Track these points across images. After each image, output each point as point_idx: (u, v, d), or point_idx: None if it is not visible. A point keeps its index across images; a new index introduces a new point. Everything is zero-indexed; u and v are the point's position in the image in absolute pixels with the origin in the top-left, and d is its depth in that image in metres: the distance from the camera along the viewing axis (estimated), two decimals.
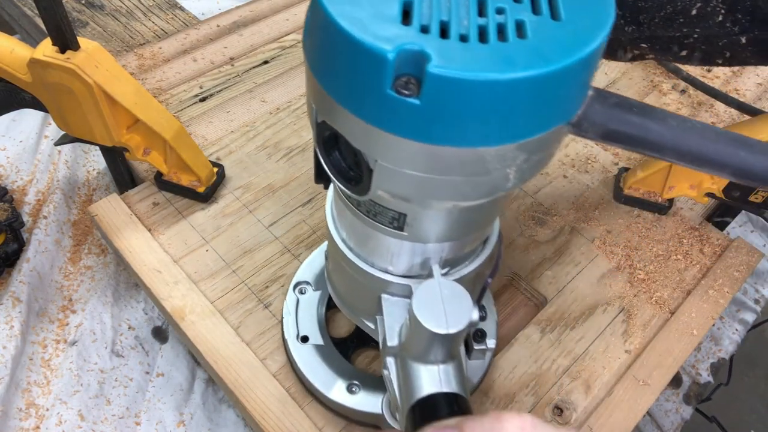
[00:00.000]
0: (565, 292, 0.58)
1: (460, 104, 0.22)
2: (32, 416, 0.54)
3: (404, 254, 0.35)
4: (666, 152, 0.27)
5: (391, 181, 0.27)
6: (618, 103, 0.26)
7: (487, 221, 0.35)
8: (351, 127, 0.25)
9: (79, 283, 0.63)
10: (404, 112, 0.23)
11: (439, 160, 0.25)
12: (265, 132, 0.69)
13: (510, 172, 0.26)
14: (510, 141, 0.24)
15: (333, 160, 0.29)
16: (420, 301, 0.31)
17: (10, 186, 0.70)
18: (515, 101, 0.22)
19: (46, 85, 0.51)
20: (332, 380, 0.49)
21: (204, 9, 0.90)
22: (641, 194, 0.64)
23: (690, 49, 0.42)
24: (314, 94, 0.27)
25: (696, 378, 0.67)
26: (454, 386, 0.32)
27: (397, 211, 0.31)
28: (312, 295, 0.53)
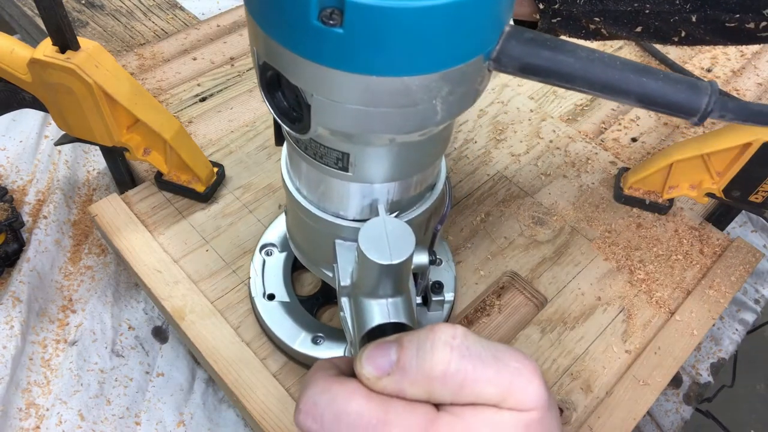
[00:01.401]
0: (565, 292, 0.58)
1: (381, 32, 0.24)
2: (32, 416, 0.54)
3: (353, 196, 0.37)
4: (577, 82, 0.28)
5: (327, 115, 0.28)
6: (533, 39, 0.28)
7: (429, 161, 0.37)
8: (287, 62, 0.27)
9: (79, 283, 0.63)
10: (330, 42, 0.24)
11: (368, 91, 0.26)
12: (265, 132, 0.69)
13: (437, 104, 0.28)
14: (432, 70, 0.26)
15: (276, 102, 0.31)
16: (366, 236, 0.32)
17: (10, 186, 0.70)
18: (433, 29, 0.24)
19: (46, 85, 0.51)
20: (297, 333, 0.51)
21: (204, 9, 0.90)
22: (641, 194, 0.64)
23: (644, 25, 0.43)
24: (254, 36, 0.29)
25: (696, 378, 0.67)
26: (402, 317, 0.34)
27: (339, 151, 0.33)
28: (278, 256, 0.56)
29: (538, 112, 0.75)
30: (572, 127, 0.74)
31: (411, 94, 0.26)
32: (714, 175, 0.60)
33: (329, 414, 0.27)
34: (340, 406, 0.26)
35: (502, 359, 0.26)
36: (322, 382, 0.28)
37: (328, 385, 0.28)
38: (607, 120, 0.76)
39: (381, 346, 0.27)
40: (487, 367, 0.26)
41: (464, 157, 0.69)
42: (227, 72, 0.76)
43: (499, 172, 0.68)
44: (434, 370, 0.25)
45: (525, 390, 0.26)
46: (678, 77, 0.29)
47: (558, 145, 0.72)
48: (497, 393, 0.26)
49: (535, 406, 0.26)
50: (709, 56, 0.89)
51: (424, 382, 0.26)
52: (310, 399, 0.27)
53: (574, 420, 0.51)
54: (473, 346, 0.26)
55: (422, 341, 0.26)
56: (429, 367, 0.25)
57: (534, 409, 0.26)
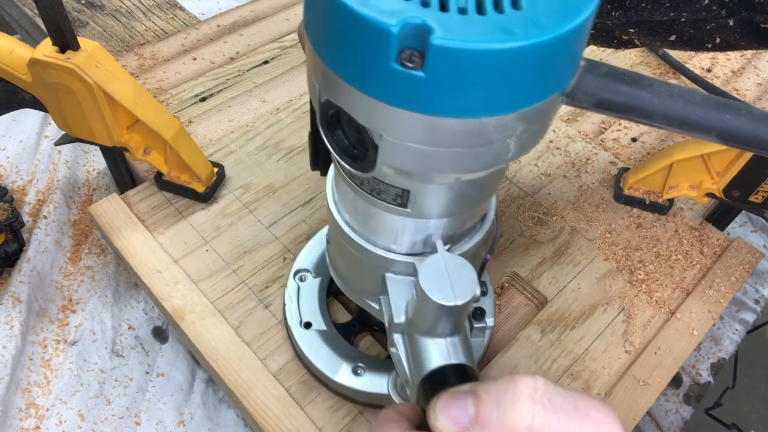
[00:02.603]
0: (565, 292, 0.58)
1: (462, 75, 0.23)
2: (32, 416, 0.54)
3: (408, 231, 0.36)
4: (655, 118, 0.28)
5: (395, 155, 0.27)
6: (609, 73, 0.27)
7: (487, 195, 0.36)
8: (356, 103, 0.26)
9: (79, 283, 0.63)
10: (409, 85, 0.23)
11: (443, 132, 0.25)
12: (265, 132, 0.69)
13: (510, 142, 0.27)
14: (510, 110, 0.25)
15: (336, 140, 0.30)
16: (426, 275, 0.31)
17: (10, 186, 0.70)
18: (515, 70, 0.23)
19: (46, 85, 0.51)
20: (337, 364, 0.49)
21: (204, 9, 0.90)
22: (641, 194, 0.64)
23: (678, 33, 0.42)
24: (317, 73, 0.27)
25: (696, 378, 0.67)
26: (462, 358, 0.33)
27: (400, 188, 0.32)
28: (312, 282, 0.54)
29: None
30: (572, 127, 0.74)
31: (486, 134, 0.26)
32: (714, 175, 0.60)
33: None
34: None
35: (583, 409, 0.25)
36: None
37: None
38: (607, 120, 0.76)
39: (455, 397, 0.26)
40: (570, 419, 0.25)
41: None
42: (227, 72, 0.76)
43: None
44: (517, 425, 0.24)
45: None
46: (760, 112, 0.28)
47: (558, 145, 0.72)
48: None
49: None
50: (709, 56, 0.89)
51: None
52: None
53: None
54: (555, 398, 0.25)
55: (502, 393, 0.25)
56: (511, 422, 0.24)
57: None
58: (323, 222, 0.61)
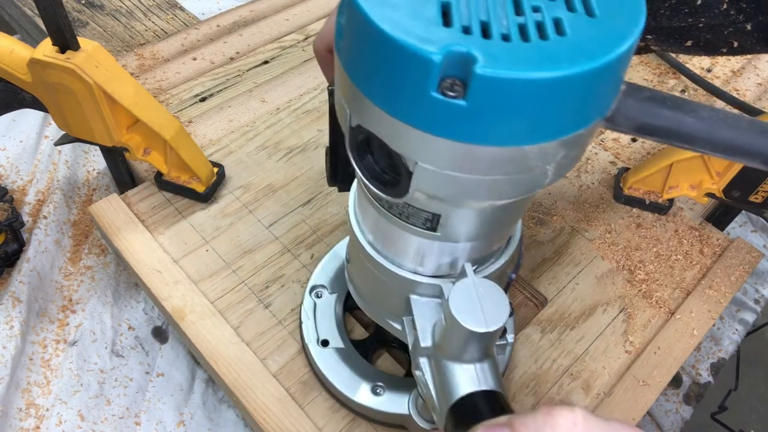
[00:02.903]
0: (565, 292, 0.58)
1: (507, 104, 0.22)
2: (32, 416, 0.54)
3: (435, 254, 0.35)
4: (699, 144, 0.27)
5: (430, 182, 0.27)
6: (651, 97, 0.27)
7: (516, 218, 0.36)
8: (391, 130, 0.25)
9: (79, 283, 0.63)
10: (449, 114, 0.23)
11: (482, 160, 0.25)
12: (265, 132, 0.69)
13: (549, 168, 0.26)
14: (553, 138, 0.24)
15: (366, 165, 0.29)
16: (457, 300, 0.31)
17: (10, 186, 0.70)
18: (561, 98, 0.23)
19: (46, 85, 0.51)
20: (356, 383, 0.48)
21: (204, 9, 0.90)
22: (641, 194, 0.64)
23: (695, 39, 0.42)
24: (349, 98, 0.27)
25: (696, 378, 0.67)
26: (492, 384, 0.32)
27: (431, 212, 0.31)
28: (328, 298, 0.53)
29: None
30: None
31: (527, 161, 0.25)
32: (714, 175, 0.60)
33: None
34: None
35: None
36: None
37: None
38: None
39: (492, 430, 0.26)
40: None
41: None
42: (227, 72, 0.76)
43: None
44: None
45: None
46: None
47: None
48: None
49: None
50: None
51: None
52: None
53: None
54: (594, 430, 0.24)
55: (540, 427, 0.24)
56: None
57: None
58: (323, 222, 0.61)
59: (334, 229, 0.61)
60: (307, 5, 0.87)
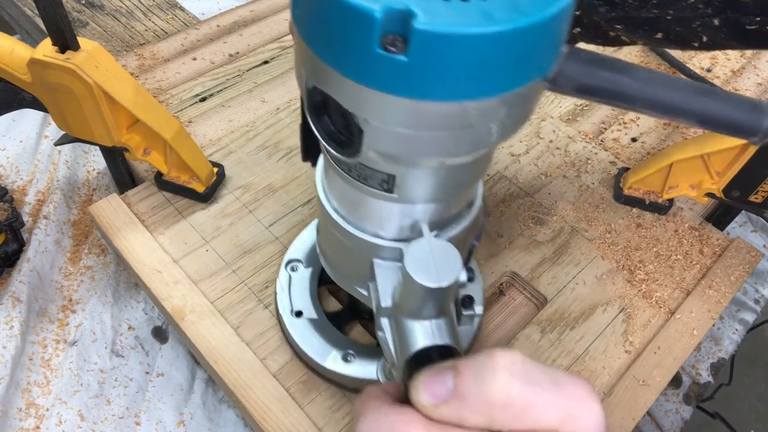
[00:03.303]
0: (565, 292, 0.58)
1: (445, 59, 0.23)
2: (32, 416, 0.54)
3: (394, 217, 0.36)
4: (637, 103, 0.28)
5: (380, 140, 0.28)
6: (591, 59, 0.28)
7: (472, 180, 0.37)
8: (341, 88, 0.26)
9: (79, 283, 0.63)
10: (392, 69, 0.24)
11: (426, 116, 0.26)
12: (265, 132, 0.69)
13: (492, 126, 0.28)
14: (492, 94, 0.26)
15: (323, 125, 0.31)
16: (411, 258, 0.32)
17: (10, 186, 0.70)
18: (496, 54, 0.24)
19: (46, 85, 0.51)
20: (327, 351, 0.50)
21: (204, 9, 0.90)
22: (641, 194, 0.64)
23: (664, 31, 0.42)
24: (304, 60, 0.28)
25: (696, 378, 0.67)
26: (447, 339, 0.34)
27: (386, 173, 0.32)
28: (304, 272, 0.55)
29: (538, 112, 0.75)
30: (572, 127, 0.74)
31: (468, 118, 0.26)
32: (714, 175, 0.60)
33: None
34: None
35: (561, 384, 0.26)
36: (376, 411, 0.27)
37: (384, 414, 0.27)
38: (607, 120, 0.76)
39: (436, 372, 0.27)
40: (547, 392, 0.25)
41: None
42: (227, 72, 0.76)
43: (499, 172, 0.68)
44: (495, 397, 0.25)
45: (585, 416, 0.25)
46: (738, 97, 0.29)
47: (558, 145, 0.72)
48: (557, 418, 0.25)
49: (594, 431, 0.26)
50: (709, 56, 0.89)
51: (484, 409, 0.25)
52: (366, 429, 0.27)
53: None
54: (533, 372, 0.25)
55: (481, 367, 0.26)
56: (490, 394, 0.25)
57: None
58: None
59: None
60: None
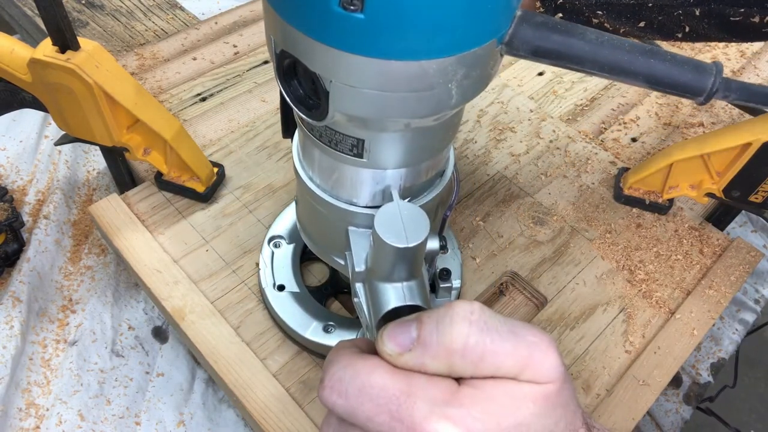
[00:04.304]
0: (565, 292, 0.58)
1: (401, 16, 0.24)
2: (32, 416, 0.54)
3: (366, 183, 0.37)
4: (586, 64, 0.29)
5: (345, 101, 0.29)
6: (543, 22, 0.29)
7: (441, 145, 0.37)
8: (305, 49, 0.27)
9: (79, 283, 0.63)
10: (351, 28, 0.25)
11: (387, 76, 0.27)
12: (265, 132, 0.69)
13: (452, 87, 0.28)
14: (449, 53, 0.26)
15: (293, 89, 0.32)
16: (381, 220, 0.33)
17: (10, 186, 0.70)
18: (451, 12, 0.25)
19: (46, 85, 0.51)
20: (308, 322, 0.51)
21: (204, 9, 0.90)
22: (641, 194, 0.64)
23: (647, 20, 0.43)
24: (272, 24, 0.29)
25: (696, 378, 0.67)
26: (418, 300, 0.35)
27: (355, 137, 0.33)
28: (286, 248, 0.56)
29: (538, 112, 0.75)
30: (572, 127, 0.74)
31: (428, 77, 0.27)
32: (714, 175, 0.60)
33: (353, 388, 0.27)
34: (364, 380, 0.27)
35: (520, 333, 0.27)
36: (345, 358, 0.28)
37: (352, 361, 0.28)
38: (607, 120, 0.76)
39: (401, 324, 0.28)
40: (505, 340, 0.26)
41: (464, 157, 0.69)
42: (227, 72, 0.76)
43: (499, 172, 0.68)
44: (454, 344, 0.26)
45: (542, 363, 0.27)
46: (684, 59, 0.30)
47: (558, 145, 0.72)
48: (516, 366, 0.26)
49: (552, 379, 0.27)
50: (709, 56, 0.89)
51: (444, 356, 0.26)
52: (335, 375, 0.28)
53: None
54: (491, 321, 0.27)
55: (441, 317, 0.27)
56: (449, 341, 0.26)
57: (551, 381, 0.27)
58: None
59: None
60: None
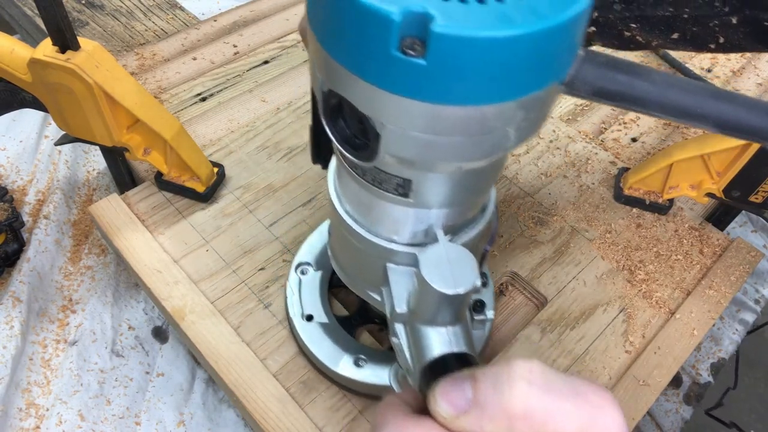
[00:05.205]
0: (565, 292, 0.58)
1: (463, 62, 0.23)
2: (32, 416, 0.54)
3: (409, 221, 0.36)
4: (652, 107, 0.28)
5: (397, 144, 0.28)
6: (607, 62, 0.28)
7: (488, 185, 0.37)
8: (358, 91, 0.26)
9: (79, 283, 0.63)
10: (410, 73, 0.24)
11: (443, 120, 0.26)
12: (265, 132, 0.69)
13: (510, 130, 0.27)
14: (510, 98, 0.25)
15: (339, 129, 0.30)
16: (427, 264, 0.32)
17: (10, 186, 0.70)
18: (514, 58, 0.24)
19: (46, 85, 0.51)
20: (339, 355, 0.49)
21: (204, 9, 0.90)
22: (641, 194, 0.64)
23: (681, 31, 0.42)
24: (320, 63, 0.28)
25: (696, 378, 0.67)
26: (464, 346, 0.33)
27: (402, 177, 0.32)
28: (314, 275, 0.54)
29: None
30: (572, 127, 0.74)
31: (486, 122, 0.26)
32: (714, 175, 0.60)
33: None
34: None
35: (582, 393, 0.25)
36: (395, 422, 0.27)
37: (403, 425, 0.27)
38: (607, 120, 0.76)
39: (454, 382, 0.27)
40: (567, 401, 0.25)
41: None
42: (227, 72, 0.76)
43: None
44: (514, 407, 0.24)
45: (607, 426, 0.25)
46: (754, 102, 0.28)
47: (558, 145, 0.72)
48: (578, 428, 0.25)
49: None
50: (710, 56, 0.89)
51: (503, 419, 0.25)
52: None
53: None
54: (552, 380, 0.25)
55: (498, 376, 0.25)
56: (509, 404, 0.25)
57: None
58: (324, 221, 0.61)
59: None
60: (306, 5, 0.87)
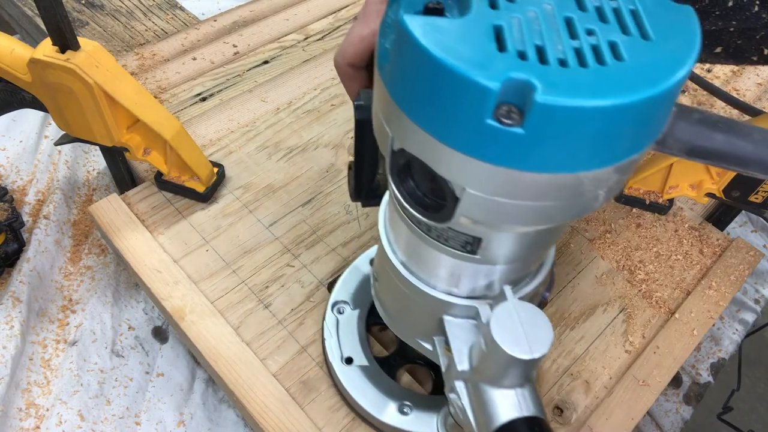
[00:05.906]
0: (565, 292, 0.58)
1: (566, 132, 0.22)
2: (32, 416, 0.54)
3: (471, 276, 0.34)
4: (752, 166, 0.27)
5: (477, 208, 0.26)
6: (702, 120, 0.26)
7: (558, 239, 0.35)
8: (439, 155, 0.24)
9: (79, 283, 0.63)
10: (504, 141, 0.22)
11: (536, 187, 0.24)
12: (265, 132, 0.69)
13: (601, 192, 0.26)
14: (609, 164, 0.24)
15: (407, 188, 0.29)
16: (498, 325, 0.30)
17: (10, 186, 0.70)
18: (620, 125, 0.22)
19: (46, 85, 0.51)
20: (382, 402, 0.48)
21: (204, 9, 0.90)
22: (641, 194, 0.64)
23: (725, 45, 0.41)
24: (393, 121, 0.26)
25: (696, 378, 0.67)
26: (533, 410, 0.32)
27: (472, 236, 0.30)
28: (351, 314, 0.52)
29: None
30: None
31: (581, 187, 0.25)
32: (714, 175, 0.60)
33: None
34: None
35: None
36: None
37: None
38: None
39: None
40: None
41: None
42: (227, 72, 0.76)
43: None
44: None
45: None
46: None
47: None
48: None
49: None
50: None
51: None
52: None
53: (574, 420, 0.51)
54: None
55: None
56: None
57: None
58: (323, 222, 0.61)
59: (334, 229, 0.61)
60: (307, 5, 0.87)
